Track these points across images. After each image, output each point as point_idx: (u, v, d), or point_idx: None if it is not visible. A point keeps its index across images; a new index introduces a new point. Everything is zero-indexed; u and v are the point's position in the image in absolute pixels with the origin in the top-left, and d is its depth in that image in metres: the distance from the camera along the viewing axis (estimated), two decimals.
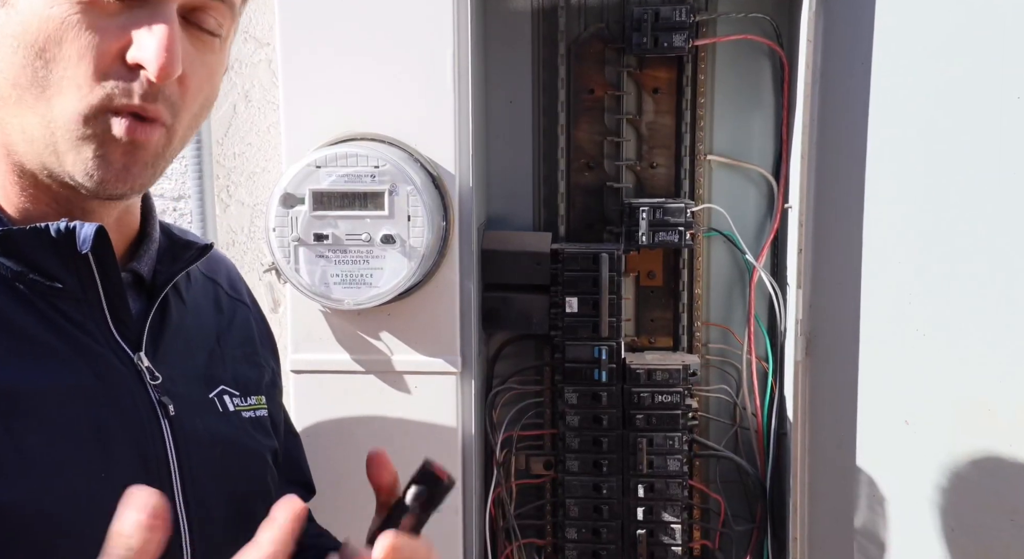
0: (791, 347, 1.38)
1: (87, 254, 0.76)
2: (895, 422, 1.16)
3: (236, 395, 0.93)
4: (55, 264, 0.76)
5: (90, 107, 0.71)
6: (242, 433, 0.92)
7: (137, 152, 0.74)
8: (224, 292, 1.01)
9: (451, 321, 1.30)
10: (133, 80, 0.71)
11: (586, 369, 1.43)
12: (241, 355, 0.98)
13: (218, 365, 0.93)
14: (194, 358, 0.90)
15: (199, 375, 0.90)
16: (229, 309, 1.00)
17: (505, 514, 1.50)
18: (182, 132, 0.79)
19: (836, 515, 1.29)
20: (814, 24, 1.29)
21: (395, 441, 1.31)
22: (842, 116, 1.27)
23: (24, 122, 0.72)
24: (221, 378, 0.92)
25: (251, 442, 0.94)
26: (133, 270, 0.85)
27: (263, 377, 1.00)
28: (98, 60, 0.70)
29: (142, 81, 0.71)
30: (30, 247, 0.74)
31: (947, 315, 1.07)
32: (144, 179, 0.77)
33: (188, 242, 0.91)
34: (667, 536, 1.46)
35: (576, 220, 1.54)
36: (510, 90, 1.52)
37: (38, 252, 0.74)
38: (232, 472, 0.89)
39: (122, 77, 0.71)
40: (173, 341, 0.87)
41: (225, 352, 0.95)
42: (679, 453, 1.44)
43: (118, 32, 0.71)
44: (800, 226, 1.34)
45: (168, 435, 0.81)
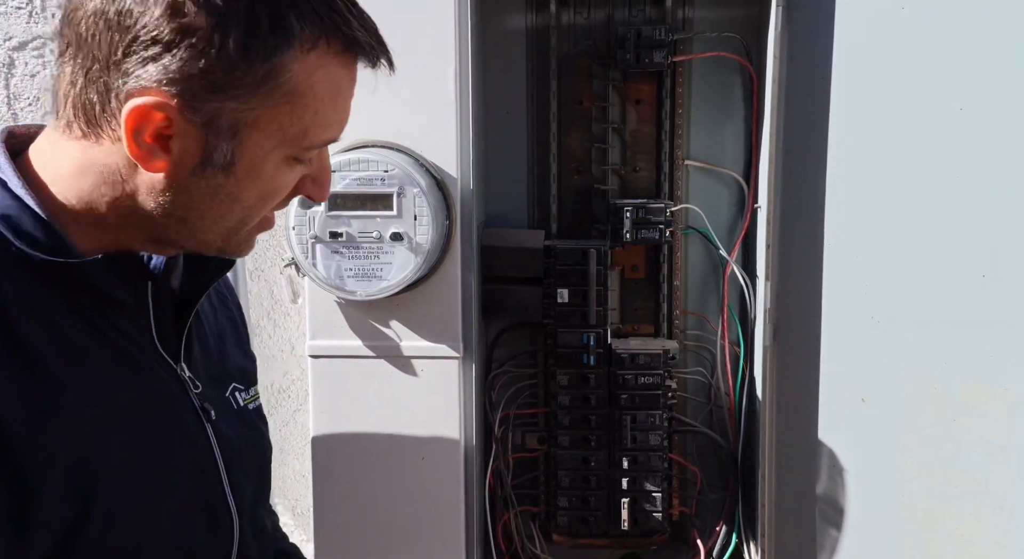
0: (760, 333, 1.38)
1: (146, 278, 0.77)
2: (853, 400, 1.16)
3: (242, 389, 0.91)
4: (122, 289, 0.75)
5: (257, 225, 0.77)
6: (254, 428, 0.91)
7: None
8: (214, 289, 0.97)
9: (454, 311, 1.30)
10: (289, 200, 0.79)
11: (576, 354, 1.44)
12: (238, 350, 0.96)
13: (226, 363, 0.91)
14: (211, 360, 0.88)
15: (217, 376, 0.88)
16: (221, 305, 0.98)
17: (503, 484, 1.50)
18: None
19: (800, 484, 1.30)
20: (780, 42, 1.29)
21: (403, 419, 1.32)
22: (805, 124, 1.27)
23: (202, 236, 0.75)
24: (230, 375, 0.91)
25: (260, 436, 0.93)
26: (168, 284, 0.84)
27: (254, 367, 0.99)
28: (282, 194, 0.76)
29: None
30: (105, 273, 0.73)
31: (899, 304, 1.08)
32: None
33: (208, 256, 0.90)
34: (649, 504, 1.47)
35: (567, 219, 1.54)
36: (507, 102, 1.52)
37: (106, 278, 0.73)
38: (254, 466, 0.89)
39: (284, 201, 0.78)
40: (197, 347, 0.86)
41: (227, 348, 0.93)
42: (660, 429, 1.45)
43: (298, 177, 0.76)
44: (768, 224, 1.34)
45: (214, 440, 0.81)
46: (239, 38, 0.65)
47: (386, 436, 1.32)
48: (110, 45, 0.65)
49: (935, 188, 1.01)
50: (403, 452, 1.32)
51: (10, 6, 1.56)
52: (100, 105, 0.68)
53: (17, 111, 1.58)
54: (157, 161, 0.68)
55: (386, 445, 1.32)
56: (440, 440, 1.32)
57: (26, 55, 1.57)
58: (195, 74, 0.65)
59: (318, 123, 0.72)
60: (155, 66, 0.65)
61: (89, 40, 0.66)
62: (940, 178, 1.01)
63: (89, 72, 0.67)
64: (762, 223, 1.36)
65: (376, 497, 1.34)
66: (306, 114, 0.71)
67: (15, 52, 1.57)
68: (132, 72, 0.65)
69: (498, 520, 1.50)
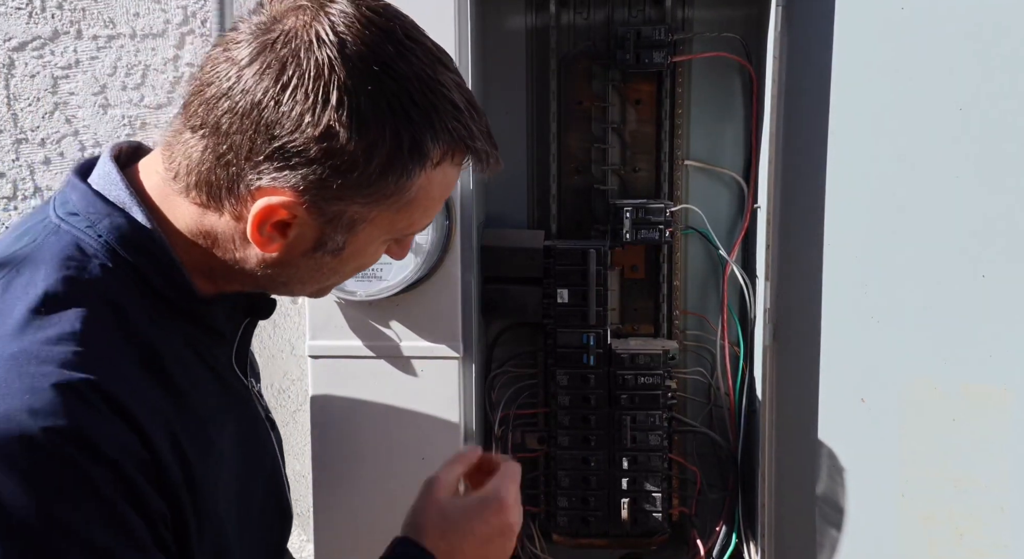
0: (760, 333, 1.38)
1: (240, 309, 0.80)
2: (852, 400, 1.16)
3: (259, 386, 0.93)
4: (227, 324, 0.79)
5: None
6: (277, 430, 0.94)
7: None
8: None
9: (454, 311, 1.31)
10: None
11: (575, 354, 1.44)
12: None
13: (254, 365, 0.94)
14: (255, 370, 0.92)
15: (257, 384, 0.91)
16: None
17: None
18: None
19: (800, 483, 1.30)
20: (779, 42, 1.29)
21: (403, 419, 1.32)
22: (805, 124, 1.27)
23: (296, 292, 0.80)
24: (255, 373, 0.93)
25: (278, 433, 0.95)
26: None
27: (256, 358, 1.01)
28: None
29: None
30: (219, 313, 0.77)
31: (899, 304, 1.08)
32: None
33: None
34: (649, 504, 1.47)
35: (566, 219, 1.54)
36: (506, 102, 1.52)
37: (222, 316, 0.78)
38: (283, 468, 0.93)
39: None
40: (249, 362, 0.88)
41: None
42: (659, 429, 1.45)
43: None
44: (768, 224, 1.34)
45: (278, 451, 0.86)
46: (382, 162, 0.68)
47: (386, 436, 1.32)
48: (252, 143, 0.67)
49: (935, 188, 1.01)
50: (403, 452, 1.32)
51: (10, 6, 1.56)
52: (227, 188, 0.69)
53: (17, 112, 1.59)
54: (274, 244, 0.71)
55: (386, 445, 1.32)
56: (440, 440, 1.32)
57: (26, 55, 1.57)
58: (331, 186, 0.68)
59: (425, 217, 0.76)
60: (293, 174, 0.67)
61: (229, 130, 0.67)
62: (940, 178, 1.00)
63: (222, 157, 0.68)
64: (762, 223, 1.36)
65: (376, 497, 1.34)
66: (417, 212, 0.74)
67: (15, 53, 1.57)
68: (268, 172, 0.67)
69: None
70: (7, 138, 1.60)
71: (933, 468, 1.02)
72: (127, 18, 1.56)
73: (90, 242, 0.69)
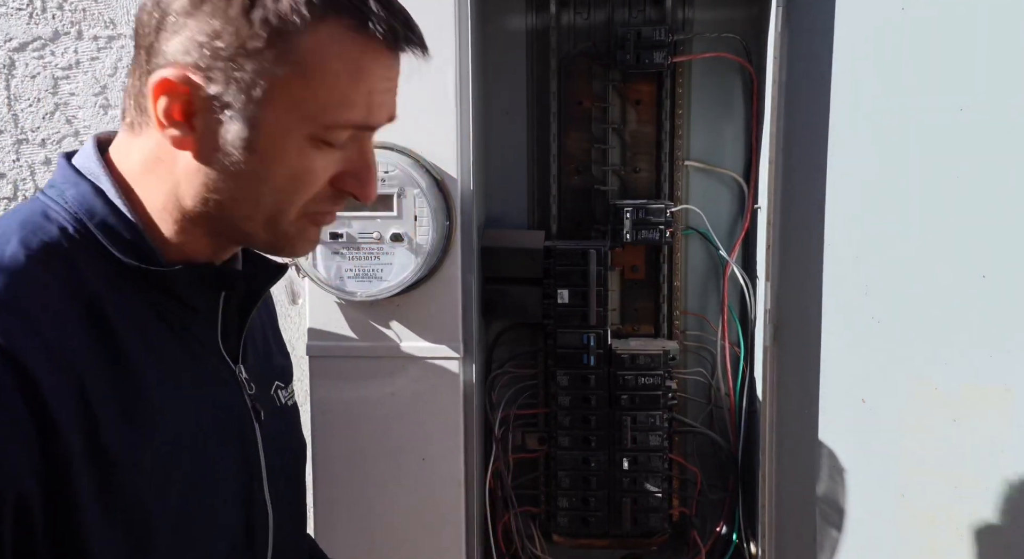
0: (760, 334, 1.39)
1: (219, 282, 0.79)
2: (853, 400, 1.16)
3: (283, 387, 0.93)
4: (200, 297, 0.78)
5: (299, 216, 0.76)
6: (294, 426, 0.93)
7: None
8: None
9: (454, 311, 1.31)
10: (341, 198, 0.78)
11: (576, 354, 1.44)
12: (277, 348, 0.98)
13: (271, 361, 0.94)
14: (260, 359, 0.91)
15: (264, 375, 0.90)
16: (265, 306, 1.00)
17: (503, 485, 1.50)
18: None
19: (800, 484, 1.30)
20: (779, 43, 1.30)
21: (403, 420, 1.32)
22: (805, 125, 1.27)
23: (237, 223, 0.75)
24: (274, 373, 0.93)
25: (298, 432, 0.95)
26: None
27: (291, 364, 1.00)
28: (317, 186, 0.75)
29: (344, 196, 0.77)
30: (185, 282, 0.76)
31: (899, 304, 1.08)
32: None
33: (264, 260, 0.90)
34: (649, 504, 1.47)
35: (567, 219, 1.54)
36: (507, 102, 1.53)
37: (190, 287, 0.76)
38: (290, 463, 0.91)
39: (331, 196, 0.77)
40: (251, 349, 0.88)
41: (271, 347, 0.96)
42: (660, 429, 1.45)
43: (337, 164, 0.75)
44: (768, 225, 1.34)
45: (259, 438, 0.83)
46: (244, 3, 0.68)
47: (386, 437, 1.32)
48: (149, 31, 0.71)
49: (935, 188, 1.01)
50: (403, 452, 1.32)
51: (10, 7, 1.56)
52: (141, 91, 0.72)
53: (17, 112, 1.59)
54: (185, 138, 0.71)
55: (386, 445, 1.32)
56: (440, 440, 1.32)
57: (27, 56, 1.57)
58: (206, 42, 0.68)
59: (336, 101, 0.72)
60: (177, 39, 0.69)
61: (139, 32, 0.72)
62: (940, 178, 1.01)
63: (137, 62, 0.72)
64: (762, 223, 1.36)
65: (376, 497, 1.34)
66: (321, 90, 0.71)
67: (15, 53, 1.57)
68: (160, 50, 0.70)
69: (498, 520, 1.50)
70: (8, 139, 1.60)
71: (933, 468, 1.02)
72: (127, 19, 1.56)
73: (56, 209, 0.72)
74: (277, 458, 0.87)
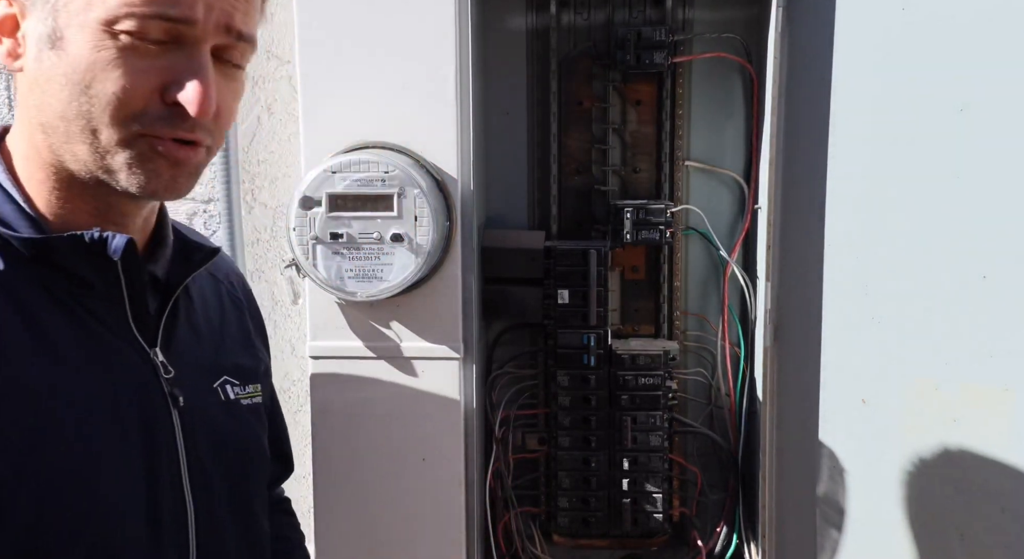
0: (761, 334, 1.39)
1: (116, 260, 0.77)
2: (853, 400, 1.16)
3: (236, 384, 0.93)
4: (87, 267, 0.77)
5: (133, 136, 0.73)
6: (240, 421, 0.92)
7: (181, 167, 0.77)
8: (225, 289, 1.01)
9: (454, 311, 1.31)
10: (174, 114, 0.74)
11: (576, 354, 1.44)
12: (240, 347, 0.98)
13: (221, 356, 0.93)
14: (202, 351, 0.90)
15: (205, 366, 0.90)
16: (230, 305, 1.00)
17: (503, 485, 1.50)
18: (217, 147, 0.82)
19: (801, 485, 1.30)
20: (780, 43, 1.30)
21: (404, 420, 1.32)
22: (806, 125, 1.27)
23: (74, 149, 0.74)
24: (224, 368, 0.92)
25: (247, 429, 0.94)
26: (151, 271, 0.86)
27: (259, 367, 1.00)
28: (138, 98, 0.72)
29: (182, 116, 0.74)
30: (67, 253, 0.75)
31: (899, 304, 1.09)
32: (188, 188, 0.80)
33: (199, 245, 0.91)
34: (649, 504, 1.47)
35: (567, 220, 1.54)
36: (507, 102, 1.53)
37: (74, 257, 0.76)
38: (231, 457, 0.90)
39: (162, 113, 0.74)
40: (183, 336, 0.88)
41: (227, 344, 0.95)
42: (660, 430, 1.45)
43: (158, 73, 0.73)
44: (768, 225, 1.34)
45: (177, 424, 0.82)
46: None
47: (386, 437, 1.32)
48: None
49: (935, 188, 1.02)
50: (403, 453, 1.32)
51: None
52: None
53: None
54: (8, 54, 0.74)
55: (386, 446, 1.32)
56: (441, 441, 1.32)
57: None
58: None
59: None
60: None
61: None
62: (940, 178, 1.01)
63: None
64: (762, 224, 1.37)
65: (377, 498, 1.34)
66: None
67: None
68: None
69: (498, 520, 1.50)
70: None
71: (933, 468, 1.02)
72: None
73: None
74: (210, 451, 0.86)
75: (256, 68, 1.60)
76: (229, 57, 0.78)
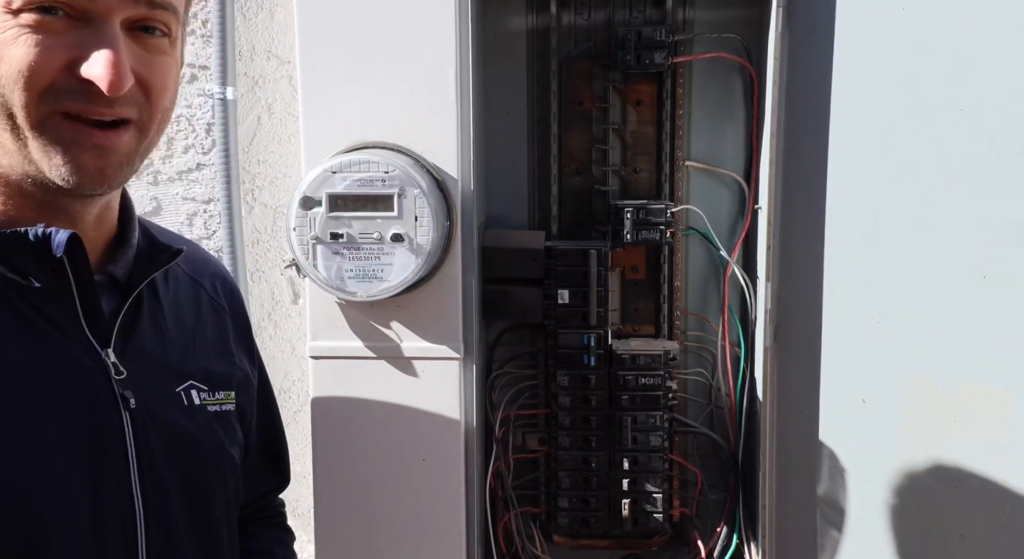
0: (761, 334, 1.38)
1: (62, 257, 0.75)
2: (853, 400, 1.16)
3: (204, 389, 0.91)
4: (32, 266, 0.75)
5: (46, 115, 0.72)
6: (203, 426, 0.90)
7: (108, 155, 0.75)
8: (206, 294, 0.98)
9: (454, 311, 1.31)
10: (87, 92, 0.72)
11: (576, 354, 1.44)
12: (214, 353, 0.96)
13: (190, 360, 0.91)
14: (165, 354, 0.88)
15: (169, 370, 0.88)
16: (208, 310, 0.98)
17: (504, 485, 1.50)
18: (155, 127, 0.79)
19: (801, 484, 1.30)
20: (780, 43, 1.30)
21: (404, 420, 1.32)
22: (806, 125, 1.28)
23: (0, 139, 0.73)
24: (191, 373, 0.90)
25: (211, 435, 0.91)
26: (109, 272, 0.84)
27: (234, 373, 0.97)
28: (45, 74, 0.71)
29: (96, 93, 0.71)
30: (9, 250, 0.74)
31: (899, 304, 1.09)
32: (121, 177, 0.77)
33: (165, 245, 0.89)
34: (650, 504, 1.47)
35: (567, 220, 1.54)
36: (507, 102, 1.53)
37: (17, 255, 0.74)
38: (188, 462, 0.87)
39: (74, 89, 0.72)
40: (144, 338, 0.86)
41: (198, 349, 0.93)
42: (660, 430, 1.45)
43: (65, 49, 0.71)
44: (769, 225, 1.34)
45: (128, 426, 0.80)
46: None
47: (387, 437, 1.32)
48: None
49: (936, 189, 1.02)
50: (404, 453, 1.32)
51: None
52: None
53: None
54: None
55: (387, 446, 1.32)
56: (441, 441, 1.32)
57: None
58: None
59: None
60: None
61: None
62: (940, 178, 1.01)
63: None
64: (763, 224, 1.36)
65: (377, 498, 1.34)
66: None
67: None
68: None
69: (499, 521, 1.50)
70: None
71: (933, 468, 1.03)
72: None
73: None
74: (164, 454, 0.84)
75: (256, 68, 1.61)
76: (148, 27, 0.75)
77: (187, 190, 1.65)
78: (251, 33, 1.60)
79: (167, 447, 0.84)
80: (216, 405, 0.92)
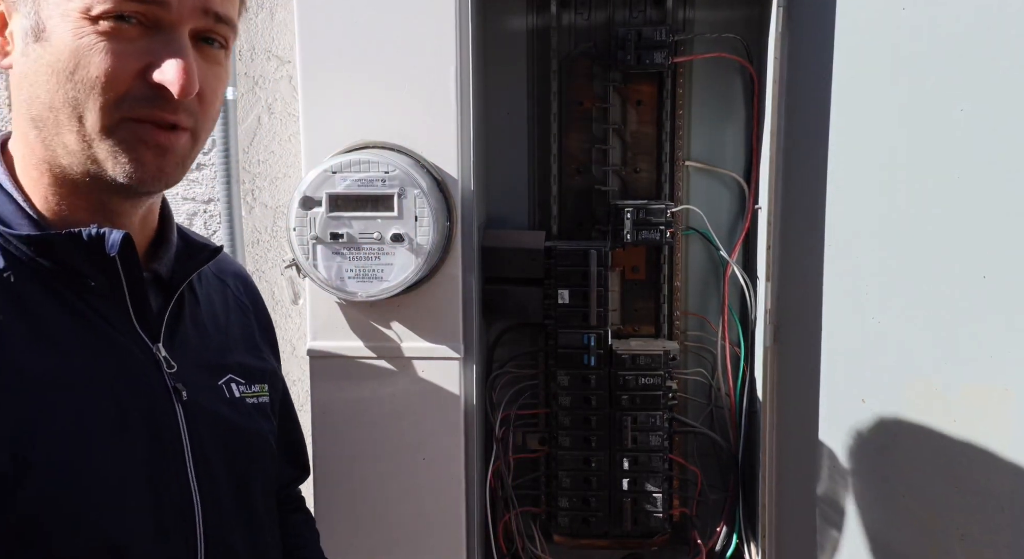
0: (761, 334, 1.39)
1: (115, 256, 0.78)
2: (853, 400, 1.16)
3: (242, 383, 0.95)
4: (87, 265, 0.78)
5: (117, 121, 0.75)
6: (245, 417, 0.94)
7: (167, 155, 0.78)
8: (231, 292, 1.03)
9: (454, 311, 1.31)
10: (156, 97, 0.75)
11: (576, 354, 1.44)
12: (245, 348, 1.00)
13: (226, 355, 0.95)
14: (206, 349, 0.92)
15: (210, 364, 0.92)
16: (235, 307, 1.02)
17: (504, 485, 1.50)
18: (204, 134, 0.83)
19: (801, 484, 1.30)
20: (780, 43, 1.30)
21: (403, 420, 1.32)
22: (806, 125, 1.28)
23: (64, 139, 0.76)
24: (229, 367, 0.94)
25: (253, 425, 0.95)
26: (154, 270, 0.87)
27: (266, 368, 1.01)
28: (121, 80, 0.74)
29: (165, 97, 0.75)
30: (66, 250, 0.77)
31: (899, 304, 1.09)
32: (176, 176, 0.81)
33: (202, 244, 0.93)
34: (650, 504, 1.47)
35: (567, 220, 1.55)
36: (507, 102, 1.53)
37: (73, 254, 0.77)
38: (235, 450, 0.91)
39: (145, 94, 0.75)
40: (188, 333, 0.89)
41: (232, 344, 0.97)
42: (660, 430, 1.45)
43: (139, 55, 0.75)
44: (769, 225, 1.35)
45: (181, 417, 0.84)
46: None
47: (387, 437, 1.32)
48: None
49: (936, 189, 1.02)
50: (404, 453, 1.33)
51: None
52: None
53: None
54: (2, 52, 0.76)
55: (387, 446, 1.33)
56: (441, 441, 1.32)
57: None
58: None
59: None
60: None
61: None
62: (941, 179, 1.01)
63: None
64: (763, 224, 1.37)
65: (377, 497, 1.34)
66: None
67: None
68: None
69: (499, 520, 1.50)
70: None
71: (934, 468, 1.02)
72: None
73: None
74: (214, 444, 0.87)
75: (256, 68, 1.61)
76: (211, 40, 0.80)
77: (187, 190, 1.65)
78: (251, 33, 1.60)
79: (216, 437, 0.88)
80: (254, 398, 0.96)
